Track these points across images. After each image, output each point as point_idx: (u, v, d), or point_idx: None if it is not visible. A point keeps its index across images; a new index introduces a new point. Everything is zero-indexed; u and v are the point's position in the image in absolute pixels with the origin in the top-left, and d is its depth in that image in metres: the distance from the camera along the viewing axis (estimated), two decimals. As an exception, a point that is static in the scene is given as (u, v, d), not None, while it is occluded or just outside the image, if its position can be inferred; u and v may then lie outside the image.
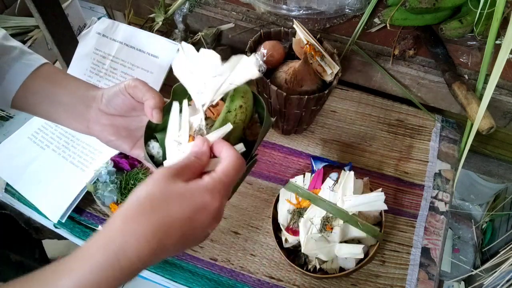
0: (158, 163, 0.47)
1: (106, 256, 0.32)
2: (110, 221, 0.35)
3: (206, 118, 0.45)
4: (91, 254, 0.33)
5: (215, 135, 0.43)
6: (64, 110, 0.52)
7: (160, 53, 0.82)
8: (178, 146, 0.44)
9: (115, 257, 0.32)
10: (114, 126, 0.51)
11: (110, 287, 0.32)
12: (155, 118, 0.46)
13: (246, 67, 0.44)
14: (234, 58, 0.45)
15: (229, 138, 0.43)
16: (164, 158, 0.46)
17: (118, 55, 0.83)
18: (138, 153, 0.51)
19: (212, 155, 0.41)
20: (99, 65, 0.84)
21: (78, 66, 0.85)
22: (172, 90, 0.49)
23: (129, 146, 0.51)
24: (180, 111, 0.47)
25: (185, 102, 0.47)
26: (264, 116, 0.47)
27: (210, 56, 0.44)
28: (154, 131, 0.49)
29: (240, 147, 0.44)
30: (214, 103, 0.45)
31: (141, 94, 0.47)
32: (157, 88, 0.81)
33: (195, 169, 0.38)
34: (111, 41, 0.84)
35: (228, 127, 0.43)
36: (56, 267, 0.33)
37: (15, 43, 0.54)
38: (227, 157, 0.39)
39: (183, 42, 0.47)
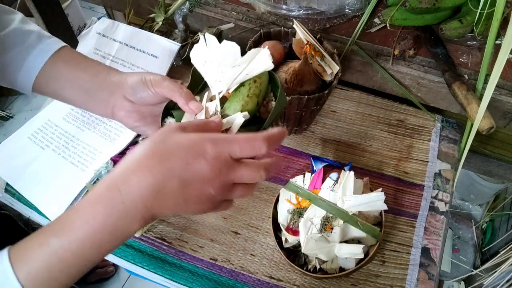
0: None
1: (109, 195, 0.34)
2: (117, 166, 0.36)
3: (221, 104, 0.46)
4: (95, 198, 0.35)
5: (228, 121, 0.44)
6: (86, 95, 0.51)
7: (160, 53, 0.82)
8: None
9: (120, 197, 0.34)
10: (139, 113, 0.51)
11: (116, 226, 0.34)
12: (195, 110, 0.46)
13: (263, 60, 0.46)
14: (252, 51, 0.47)
15: (242, 112, 0.44)
16: None
17: (118, 55, 0.84)
18: None
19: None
20: None
21: None
22: (191, 72, 0.51)
23: (153, 132, 0.51)
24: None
25: (205, 95, 0.48)
26: (278, 94, 0.48)
27: (231, 47, 0.47)
28: (172, 109, 0.50)
29: (245, 114, 0.44)
30: (230, 91, 0.47)
31: (167, 93, 0.47)
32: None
33: (201, 129, 0.39)
34: (111, 41, 0.84)
35: (239, 118, 0.43)
36: (62, 217, 0.36)
37: (32, 26, 0.53)
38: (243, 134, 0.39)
39: (206, 34, 0.51)
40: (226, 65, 0.47)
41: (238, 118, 0.44)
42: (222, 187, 0.36)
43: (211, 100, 0.48)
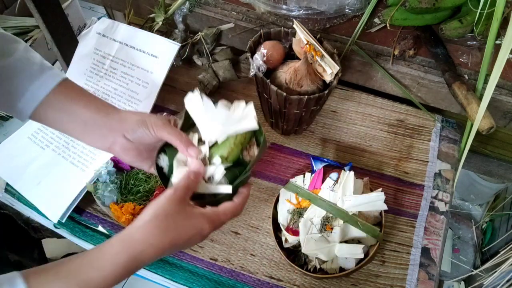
0: (165, 176, 0.55)
1: (128, 257, 0.41)
2: (132, 227, 0.43)
3: (210, 148, 0.53)
4: (115, 253, 0.42)
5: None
6: (85, 129, 0.53)
7: (160, 53, 0.82)
8: (184, 168, 0.52)
9: (135, 260, 0.42)
10: (137, 150, 0.54)
11: (122, 279, 0.42)
12: (194, 156, 0.51)
13: (249, 121, 0.53)
14: (240, 108, 0.55)
15: (227, 159, 0.52)
16: (170, 171, 0.53)
17: (118, 55, 0.84)
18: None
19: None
20: (99, 65, 0.84)
21: (78, 66, 0.85)
22: (184, 113, 0.57)
23: (148, 166, 0.56)
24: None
25: (195, 135, 0.55)
26: (261, 141, 0.55)
27: (222, 112, 0.54)
28: (165, 145, 0.55)
29: (228, 189, 0.51)
30: (219, 142, 0.53)
31: (167, 137, 0.51)
32: (157, 88, 0.81)
33: (193, 187, 0.48)
34: (111, 41, 0.84)
35: (221, 170, 0.52)
36: (82, 260, 0.41)
37: (35, 55, 0.55)
38: (234, 201, 0.49)
39: (204, 95, 0.56)
40: (218, 122, 0.53)
41: (219, 170, 0.52)
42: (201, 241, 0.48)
43: (200, 140, 0.54)
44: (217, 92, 0.91)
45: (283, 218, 0.68)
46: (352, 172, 0.66)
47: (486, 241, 1.31)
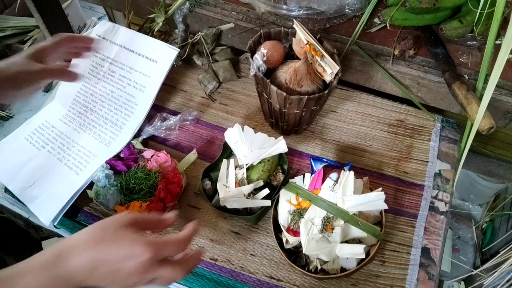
0: (208, 195, 0.73)
1: (53, 260, 0.42)
2: (72, 237, 0.44)
3: (246, 171, 0.72)
4: (43, 258, 0.43)
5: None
6: None
7: (158, 58, 0.82)
8: (226, 189, 0.70)
9: (61, 265, 0.42)
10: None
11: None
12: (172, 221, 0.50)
13: (281, 147, 0.71)
14: (274, 140, 0.73)
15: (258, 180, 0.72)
16: (214, 193, 0.73)
17: (117, 58, 0.84)
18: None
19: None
20: (97, 67, 0.84)
21: (77, 68, 0.85)
22: (223, 146, 0.77)
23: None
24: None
25: (231, 161, 0.74)
26: (286, 169, 0.75)
27: (262, 136, 0.73)
28: (210, 171, 0.75)
29: (266, 191, 0.71)
30: (254, 164, 0.73)
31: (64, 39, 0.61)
32: (154, 92, 0.81)
33: (149, 225, 0.47)
34: (110, 44, 0.84)
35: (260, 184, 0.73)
36: (12, 270, 0.42)
37: None
38: (178, 234, 0.47)
39: (245, 126, 0.73)
40: (256, 147, 0.71)
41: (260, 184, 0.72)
42: (146, 280, 0.44)
43: (236, 167, 0.73)
44: (217, 92, 0.91)
45: (284, 219, 0.68)
46: (352, 172, 0.66)
47: (486, 241, 1.31)
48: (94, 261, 0.42)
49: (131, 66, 0.83)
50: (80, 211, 0.75)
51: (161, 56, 0.82)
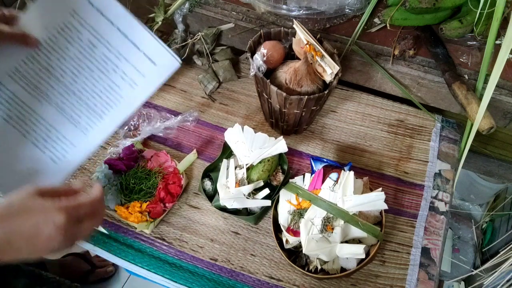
0: (208, 195, 0.74)
1: None
2: None
3: (246, 171, 0.72)
4: None
5: None
6: None
7: (158, 62, 0.67)
8: (227, 189, 0.70)
9: None
10: None
11: None
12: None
13: (281, 147, 0.71)
14: (274, 140, 0.72)
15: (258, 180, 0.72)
16: (214, 193, 0.74)
17: (104, 34, 0.67)
18: None
19: None
20: (71, 30, 0.67)
21: (42, 15, 0.66)
22: (223, 146, 0.77)
23: None
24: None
25: (231, 161, 0.74)
26: (286, 169, 0.76)
27: (262, 136, 0.71)
28: (210, 171, 0.76)
29: (266, 191, 0.71)
30: (254, 164, 0.73)
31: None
32: (146, 95, 0.65)
33: (60, 194, 0.46)
34: (97, 13, 0.67)
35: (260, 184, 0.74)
36: None
37: None
38: (93, 193, 0.48)
39: (245, 126, 0.71)
40: (256, 147, 0.71)
41: (259, 184, 0.72)
42: (69, 239, 0.45)
43: (236, 167, 0.73)
44: (217, 92, 0.91)
45: (284, 219, 0.68)
46: (352, 172, 0.66)
47: (486, 241, 1.31)
48: (6, 235, 0.41)
49: (120, 52, 0.67)
50: (80, 211, 0.75)
51: (161, 60, 0.67)
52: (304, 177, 0.72)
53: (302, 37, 0.72)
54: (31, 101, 0.66)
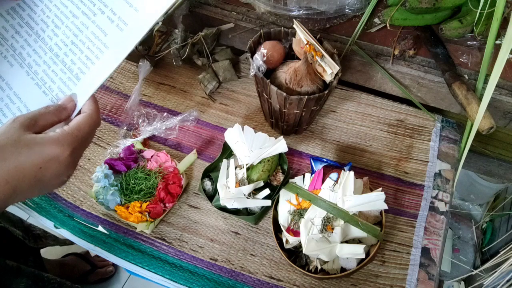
0: (209, 195, 0.74)
1: None
2: None
3: (246, 171, 0.72)
4: None
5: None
6: None
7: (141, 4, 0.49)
8: (227, 189, 0.70)
9: None
10: None
11: None
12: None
13: (281, 146, 0.71)
14: (274, 140, 0.72)
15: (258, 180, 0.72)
16: (214, 193, 0.74)
17: None
18: None
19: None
20: None
21: None
22: (223, 146, 0.77)
23: None
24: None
25: (231, 161, 0.73)
26: (286, 169, 0.76)
27: (262, 135, 0.72)
28: (210, 171, 0.76)
29: (266, 191, 0.71)
30: (254, 164, 0.73)
31: None
32: (139, 36, 0.47)
33: (46, 121, 0.41)
34: None
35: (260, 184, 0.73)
36: None
37: None
38: (85, 111, 0.43)
39: (245, 126, 0.72)
40: (256, 146, 0.71)
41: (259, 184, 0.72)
42: (74, 166, 0.41)
43: (236, 167, 0.73)
44: (217, 92, 0.91)
45: (284, 219, 0.68)
46: (352, 172, 0.66)
47: (486, 241, 1.31)
48: (8, 184, 0.37)
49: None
50: (80, 211, 0.75)
51: (145, 2, 0.49)
52: (304, 177, 0.72)
53: (302, 37, 0.72)
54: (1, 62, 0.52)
